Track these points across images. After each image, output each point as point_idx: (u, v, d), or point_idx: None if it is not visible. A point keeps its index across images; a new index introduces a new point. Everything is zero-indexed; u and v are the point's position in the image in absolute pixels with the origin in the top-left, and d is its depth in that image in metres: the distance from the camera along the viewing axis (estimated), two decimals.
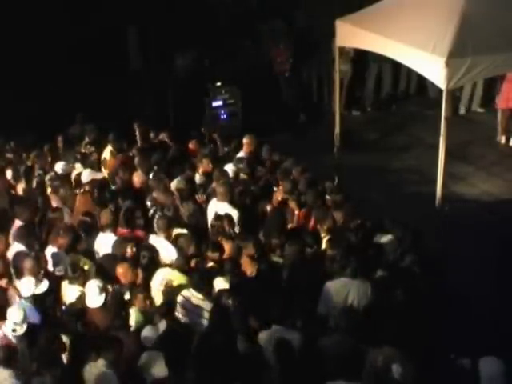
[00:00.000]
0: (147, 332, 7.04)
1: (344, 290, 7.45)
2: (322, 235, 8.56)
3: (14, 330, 6.84)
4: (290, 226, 9.04)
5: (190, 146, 11.27)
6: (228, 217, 8.79)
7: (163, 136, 11.67)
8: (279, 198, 9.53)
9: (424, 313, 7.14)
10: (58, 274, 8.00)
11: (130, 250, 8.13)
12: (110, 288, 7.59)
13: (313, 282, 7.70)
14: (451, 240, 9.63)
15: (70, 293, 7.70)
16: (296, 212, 9.22)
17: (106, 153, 11.01)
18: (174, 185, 9.86)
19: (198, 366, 6.31)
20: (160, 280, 7.80)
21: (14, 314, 6.91)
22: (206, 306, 7.27)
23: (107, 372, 6.40)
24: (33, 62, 13.18)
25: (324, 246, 8.42)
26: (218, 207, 9.15)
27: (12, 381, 6.38)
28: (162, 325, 7.07)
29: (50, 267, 8.19)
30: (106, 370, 6.40)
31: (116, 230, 8.77)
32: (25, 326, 6.84)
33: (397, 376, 6.10)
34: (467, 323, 7.47)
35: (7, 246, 8.59)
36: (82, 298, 7.52)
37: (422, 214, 10.37)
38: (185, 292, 7.49)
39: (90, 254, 8.48)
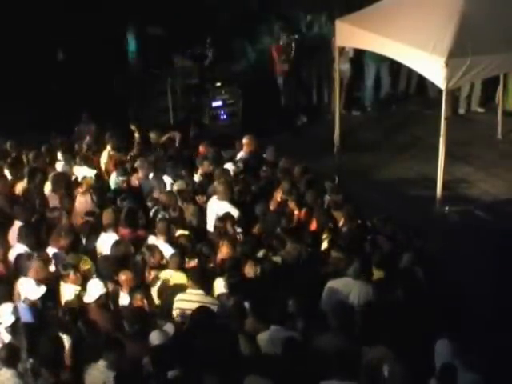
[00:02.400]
0: (155, 337, 6.82)
1: (346, 289, 7.45)
2: (323, 236, 8.56)
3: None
4: (289, 226, 9.03)
5: (201, 148, 11.21)
6: (230, 217, 8.78)
7: (173, 135, 11.61)
8: (279, 199, 9.53)
9: (423, 313, 7.14)
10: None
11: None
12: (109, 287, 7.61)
13: (313, 282, 7.70)
14: (451, 240, 9.62)
15: (66, 292, 7.70)
16: (296, 212, 9.22)
17: (105, 153, 10.99)
18: (174, 186, 9.86)
19: (199, 367, 6.31)
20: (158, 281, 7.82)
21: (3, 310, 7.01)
22: (207, 301, 7.29)
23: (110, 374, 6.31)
24: (33, 61, 13.18)
25: (324, 246, 8.43)
26: (217, 206, 9.15)
27: (15, 380, 6.37)
28: (169, 328, 7.00)
29: (51, 267, 8.20)
30: (107, 371, 6.35)
31: (118, 229, 8.79)
32: (12, 319, 6.90)
33: (386, 375, 6.12)
34: (467, 323, 7.47)
35: (8, 246, 8.58)
36: (77, 297, 7.52)
37: (422, 214, 10.38)
38: (181, 295, 7.49)
39: (91, 253, 8.48)
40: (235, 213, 8.97)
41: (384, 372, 6.12)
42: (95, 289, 7.36)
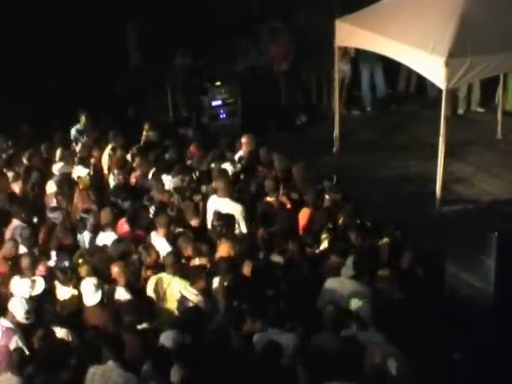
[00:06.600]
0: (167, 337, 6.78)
1: (342, 289, 7.44)
2: (323, 236, 8.55)
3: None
4: (290, 225, 9.02)
5: (191, 148, 11.20)
6: (230, 216, 8.76)
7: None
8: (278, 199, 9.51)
9: (423, 313, 7.14)
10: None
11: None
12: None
13: (312, 281, 7.69)
14: (451, 240, 9.60)
15: (62, 294, 7.68)
16: (295, 212, 9.21)
17: (106, 153, 10.97)
18: (172, 184, 9.85)
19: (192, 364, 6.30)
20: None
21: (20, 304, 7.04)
22: (200, 300, 7.30)
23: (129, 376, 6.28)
24: (32, 59, 13.19)
25: (324, 246, 8.42)
26: (218, 203, 9.13)
27: None
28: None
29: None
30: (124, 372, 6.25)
31: (116, 228, 8.77)
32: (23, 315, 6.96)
33: (392, 371, 6.12)
34: (466, 323, 7.46)
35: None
36: (73, 299, 7.53)
37: (422, 213, 10.37)
38: (183, 290, 7.50)
39: (87, 252, 8.48)
40: (238, 208, 8.95)
41: (391, 369, 6.12)
42: (93, 289, 7.32)
